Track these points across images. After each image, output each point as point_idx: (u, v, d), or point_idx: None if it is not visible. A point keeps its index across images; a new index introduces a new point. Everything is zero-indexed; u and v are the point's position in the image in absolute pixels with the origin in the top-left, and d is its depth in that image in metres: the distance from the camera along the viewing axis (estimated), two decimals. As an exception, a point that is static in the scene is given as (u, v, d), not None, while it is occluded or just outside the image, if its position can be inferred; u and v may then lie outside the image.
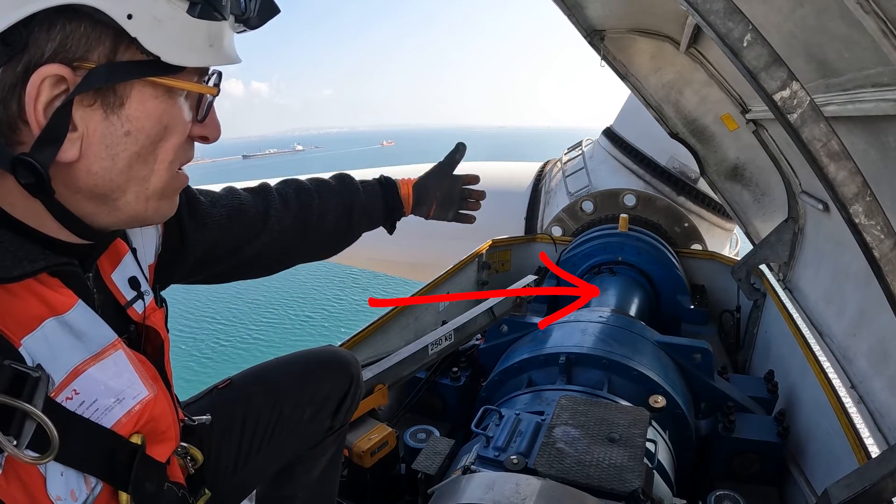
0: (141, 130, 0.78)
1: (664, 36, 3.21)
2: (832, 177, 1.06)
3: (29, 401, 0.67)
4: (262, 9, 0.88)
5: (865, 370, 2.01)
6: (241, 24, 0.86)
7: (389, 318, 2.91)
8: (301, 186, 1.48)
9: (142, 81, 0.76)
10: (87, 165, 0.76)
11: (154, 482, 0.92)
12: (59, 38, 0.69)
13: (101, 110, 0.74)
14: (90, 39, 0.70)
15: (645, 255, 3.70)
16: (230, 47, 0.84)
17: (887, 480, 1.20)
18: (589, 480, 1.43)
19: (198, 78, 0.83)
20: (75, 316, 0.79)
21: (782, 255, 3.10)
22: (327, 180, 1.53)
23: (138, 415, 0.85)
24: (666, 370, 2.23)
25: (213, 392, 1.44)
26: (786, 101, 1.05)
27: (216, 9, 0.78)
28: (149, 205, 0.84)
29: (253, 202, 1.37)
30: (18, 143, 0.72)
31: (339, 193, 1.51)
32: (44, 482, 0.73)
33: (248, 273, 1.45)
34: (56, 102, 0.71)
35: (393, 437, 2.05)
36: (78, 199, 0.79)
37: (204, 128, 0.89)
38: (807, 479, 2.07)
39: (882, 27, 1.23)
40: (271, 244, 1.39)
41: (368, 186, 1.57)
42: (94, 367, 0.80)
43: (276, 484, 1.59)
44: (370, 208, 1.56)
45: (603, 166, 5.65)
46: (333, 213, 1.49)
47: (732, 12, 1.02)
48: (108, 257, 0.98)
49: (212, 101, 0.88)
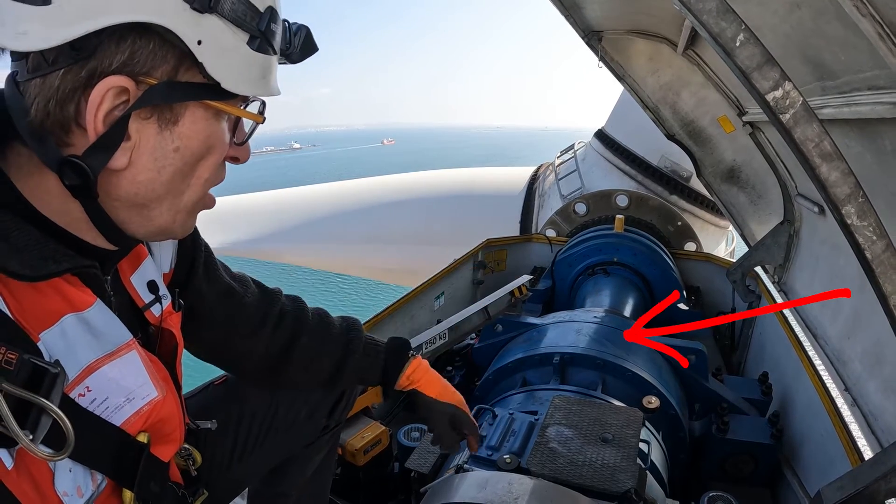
0: (188, 148, 0.81)
1: (662, 37, 3.22)
2: (824, 177, 1.06)
3: (47, 396, 0.67)
4: (304, 45, 0.94)
5: (859, 373, 2.02)
6: (283, 58, 0.91)
7: (384, 316, 2.91)
8: (300, 316, 1.39)
9: (196, 103, 0.79)
10: (133, 175, 0.79)
11: (158, 482, 0.93)
12: (129, 52, 0.72)
13: (156, 125, 0.77)
14: (157, 57, 0.74)
15: (640, 255, 3.71)
16: (275, 80, 0.88)
17: (880, 483, 1.21)
18: (582, 480, 1.43)
19: (241, 104, 0.87)
20: (93, 314, 0.81)
21: (778, 258, 3.11)
22: (331, 323, 1.43)
23: (147, 415, 0.86)
24: (660, 371, 2.23)
25: (210, 388, 1.44)
26: (778, 102, 1.05)
27: (270, 44, 0.83)
28: (177, 218, 0.87)
29: (257, 299, 1.33)
30: (68, 145, 0.74)
31: (332, 349, 1.40)
32: (52, 477, 0.73)
33: (237, 367, 1.39)
34: (115, 112, 0.73)
35: (386, 436, 2.05)
36: (116, 206, 0.81)
37: (238, 150, 0.93)
38: (800, 481, 2.07)
39: (879, 30, 1.23)
40: (261, 354, 1.34)
41: (371, 350, 1.44)
42: (108, 365, 0.81)
43: (269, 481, 1.59)
44: (363, 372, 1.45)
45: (595, 168, 5.68)
46: (319, 364, 1.40)
47: (725, 12, 1.03)
48: (129, 261, 0.99)
49: (255, 127, 0.93)
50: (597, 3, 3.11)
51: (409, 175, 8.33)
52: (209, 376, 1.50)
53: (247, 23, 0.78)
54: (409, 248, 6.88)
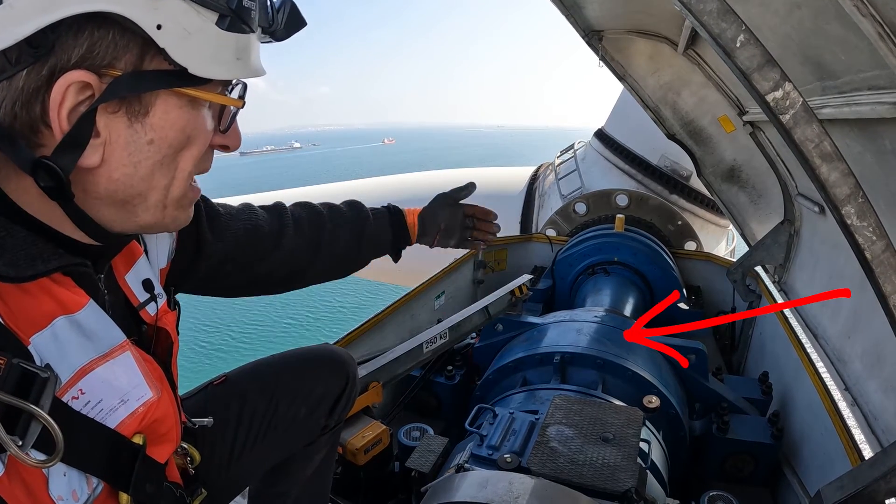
0: (164, 139, 0.77)
1: (662, 37, 3.22)
2: (824, 178, 1.06)
3: (36, 402, 0.66)
4: (289, 21, 0.88)
5: (860, 372, 2.02)
6: (267, 36, 0.86)
7: (385, 315, 2.91)
8: (314, 210, 1.49)
9: (167, 91, 0.76)
10: (108, 172, 0.76)
11: (154, 483, 0.92)
12: (87, 44, 0.68)
13: (126, 118, 0.74)
14: (118, 47, 0.70)
15: (641, 255, 3.71)
16: (256, 60, 0.83)
17: (880, 482, 1.21)
18: (582, 480, 1.43)
19: (222, 88, 0.83)
20: (86, 315, 0.79)
21: (778, 257, 3.11)
22: (339, 206, 1.55)
23: (142, 416, 0.85)
24: (660, 370, 2.23)
25: (208, 388, 1.44)
26: (778, 102, 1.05)
27: (245, 22, 0.77)
28: (166, 213, 0.84)
29: (268, 221, 1.39)
30: (39, 146, 0.72)
31: (350, 220, 1.53)
32: (45, 482, 0.72)
33: (258, 290, 1.47)
34: (80, 108, 0.70)
35: (387, 435, 2.05)
36: (97, 204, 0.78)
37: (225, 137, 0.89)
38: (800, 481, 2.07)
39: (879, 30, 1.23)
40: (282, 264, 1.41)
41: (378, 214, 1.59)
42: (102, 367, 0.79)
43: (269, 481, 1.59)
44: (379, 236, 1.58)
45: (595, 167, 5.68)
46: (344, 240, 1.51)
47: (726, 13, 1.03)
48: (123, 258, 0.97)
49: (236, 112, 0.88)
50: (597, 3, 3.11)
51: (410, 175, 8.33)
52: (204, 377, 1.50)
53: (213, 2, 0.73)
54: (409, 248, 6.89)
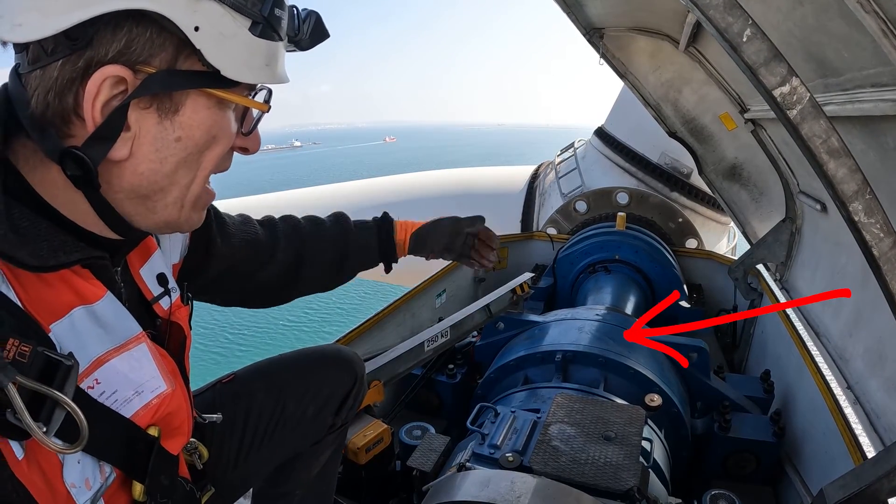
0: (191, 138, 0.80)
1: (663, 34, 3.21)
2: (832, 174, 1.05)
3: (60, 389, 0.67)
4: (314, 32, 0.91)
5: (861, 371, 2.01)
6: (292, 45, 0.89)
7: (386, 314, 2.91)
8: (297, 225, 1.50)
9: (197, 91, 0.78)
10: (134, 165, 0.78)
11: (168, 475, 0.93)
12: (125, 40, 0.71)
13: (156, 114, 0.76)
14: (154, 45, 0.73)
15: (642, 253, 3.71)
16: (282, 67, 0.86)
17: (883, 481, 1.20)
18: (584, 478, 1.43)
19: (247, 92, 0.85)
20: (103, 306, 0.81)
21: (779, 255, 3.10)
22: (323, 221, 1.55)
23: (156, 408, 0.86)
24: (662, 369, 2.23)
25: (217, 386, 1.44)
26: (785, 97, 1.04)
27: (275, 30, 0.80)
28: (182, 212, 0.86)
29: (264, 234, 1.42)
30: (69, 136, 0.74)
31: (332, 237, 1.53)
32: (61, 469, 0.73)
33: (254, 301, 1.49)
34: (114, 102, 0.73)
35: (388, 434, 2.05)
36: (119, 197, 0.80)
37: (246, 140, 0.91)
38: (802, 479, 2.07)
39: (882, 27, 1.22)
40: (276, 277, 1.43)
41: (364, 229, 1.57)
42: (117, 358, 0.81)
43: (274, 480, 1.58)
44: (364, 252, 1.57)
45: (595, 166, 5.68)
46: (325, 257, 1.51)
47: (732, 7, 1.02)
48: (138, 253, 0.99)
49: (260, 116, 0.90)
50: (598, 1, 3.10)
51: (410, 175, 8.33)
52: (214, 374, 1.50)
53: (248, 8, 0.76)
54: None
